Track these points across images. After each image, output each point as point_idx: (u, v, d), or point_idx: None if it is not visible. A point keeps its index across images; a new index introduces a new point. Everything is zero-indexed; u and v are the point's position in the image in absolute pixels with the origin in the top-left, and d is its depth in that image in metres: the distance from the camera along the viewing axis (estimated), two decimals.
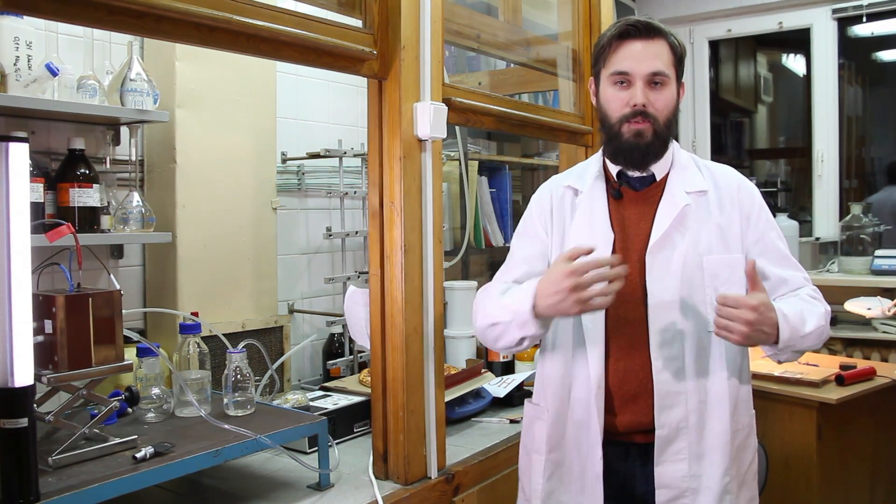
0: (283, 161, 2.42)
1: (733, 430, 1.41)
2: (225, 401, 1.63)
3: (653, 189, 1.46)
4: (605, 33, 1.46)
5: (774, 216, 3.68)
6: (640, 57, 1.40)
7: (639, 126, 1.40)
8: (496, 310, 1.43)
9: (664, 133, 1.42)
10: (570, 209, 1.52)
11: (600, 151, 1.53)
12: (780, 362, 1.42)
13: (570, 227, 1.50)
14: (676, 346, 1.39)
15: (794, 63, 5.36)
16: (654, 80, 1.40)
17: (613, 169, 1.49)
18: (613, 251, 1.43)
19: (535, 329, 1.37)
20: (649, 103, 1.39)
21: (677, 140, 1.58)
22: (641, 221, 1.45)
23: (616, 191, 1.48)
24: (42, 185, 1.71)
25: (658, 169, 1.46)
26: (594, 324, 1.42)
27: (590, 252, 1.32)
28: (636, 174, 1.46)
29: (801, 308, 1.38)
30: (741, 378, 1.45)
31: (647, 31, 1.41)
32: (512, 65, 2.92)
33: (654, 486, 1.41)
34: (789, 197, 4.62)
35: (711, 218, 1.43)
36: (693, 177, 1.47)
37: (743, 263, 1.39)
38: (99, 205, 1.80)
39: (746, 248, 1.44)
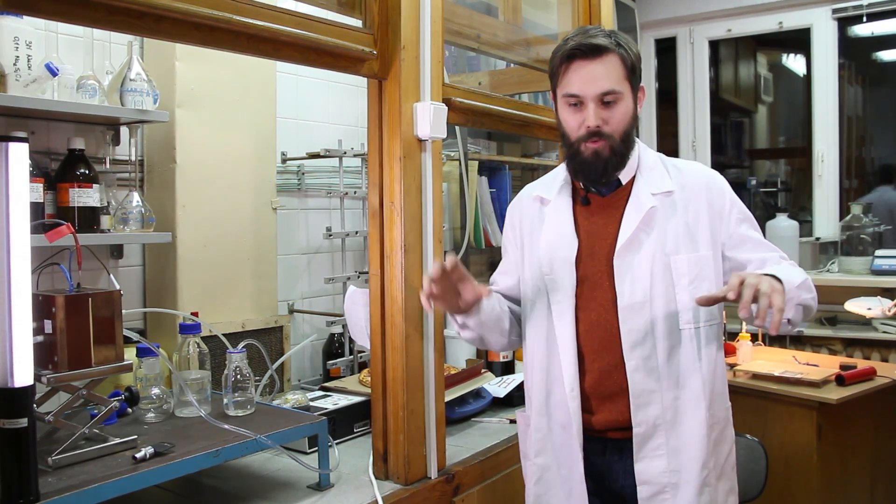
0: (283, 161, 2.42)
1: (710, 423, 1.43)
2: (225, 401, 1.63)
3: (619, 193, 1.49)
4: (555, 51, 1.47)
5: (774, 216, 3.67)
6: (588, 78, 1.40)
7: (596, 145, 1.42)
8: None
9: (621, 148, 1.44)
10: (538, 219, 1.56)
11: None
12: (789, 322, 1.37)
13: (540, 237, 1.53)
14: (648, 346, 1.42)
15: (795, 63, 5.36)
16: (606, 100, 1.41)
17: None
18: (578, 257, 1.47)
19: (458, 321, 1.51)
20: (603, 122, 1.41)
21: (650, 142, 1.59)
22: (609, 226, 1.47)
23: (583, 198, 1.51)
24: (42, 185, 1.71)
25: (624, 174, 1.48)
26: (564, 329, 1.46)
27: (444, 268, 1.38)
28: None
29: (779, 267, 1.39)
30: (716, 372, 1.47)
31: (592, 51, 1.40)
32: (512, 65, 2.92)
33: (632, 480, 1.44)
34: (789, 197, 4.63)
35: (678, 217, 1.45)
36: (659, 178, 1.49)
37: (712, 260, 1.44)
38: (99, 205, 1.80)
39: (722, 244, 1.47)
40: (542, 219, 1.55)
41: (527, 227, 1.58)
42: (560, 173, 1.57)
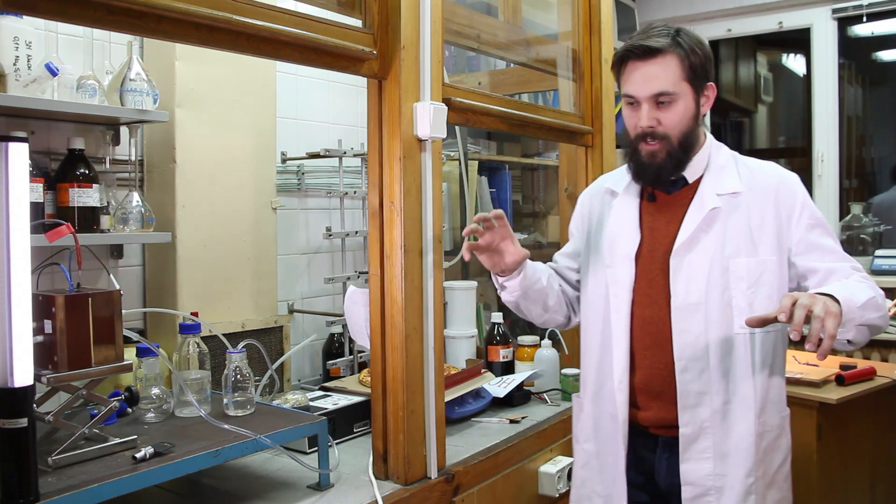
0: (283, 161, 2.42)
1: (758, 431, 1.42)
2: (225, 401, 1.62)
3: (684, 192, 1.49)
4: (617, 52, 1.49)
5: None
6: (641, 79, 1.41)
7: (651, 147, 1.43)
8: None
9: (677, 151, 1.43)
10: (606, 210, 1.59)
11: None
12: (850, 342, 1.33)
13: (605, 228, 1.57)
14: (700, 348, 1.41)
15: (795, 63, 5.36)
16: (659, 100, 1.41)
17: None
18: (639, 254, 1.49)
19: (501, 279, 1.56)
20: (658, 123, 1.41)
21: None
22: (671, 224, 1.48)
23: (650, 194, 1.52)
24: (42, 184, 1.71)
25: (691, 173, 1.48)
26: (619, 322, 1.49)
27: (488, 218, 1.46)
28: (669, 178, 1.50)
29: (844, 283, 1.34)
30: (771, 379, 1.45)
31: (645, 52, 1.40)
32: (512, 65, 2.92)
33: (678, 480, 1.44)
34: None
35: (741, 220, 1.43)
36: (728, 178, 1.47)
37: (776, 265, 1.41)
38: (98, 205, 1.80)
39: (788, 250, 1.43)
40: (609, 211, 1.58)
41: (595, 216, 1.61)
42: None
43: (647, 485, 1.51)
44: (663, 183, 1.48)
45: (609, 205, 1.59)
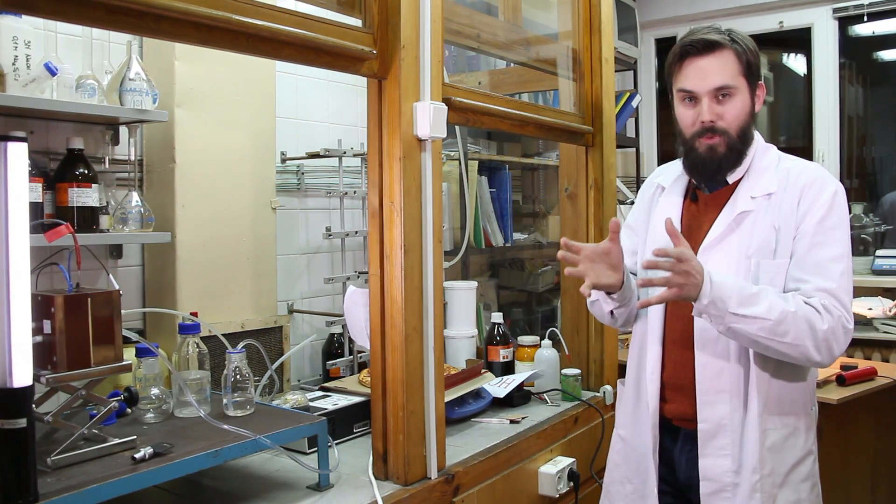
0: (283, 161, 2.42)
1: (762, 429, 1.43)
2: (224, 401, 1.62)
3: (723, 192, 1.51)
4: (673, 49, 1.49)
5: None
6: (702, 74, 1.42)
7: (711, 141, 1.44)
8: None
9: (738, 144, 1.45)
10: (654, 205, 1.63)
11: None
12: (720, 331, 1.38)
13: (651, 222, 1.61)
14: (721, 346, 1.44)
15: (795, 62, 5.35)
16: (721, 94, 1.42)
17: None
18: None
19: (612, 303, 1.56)
20: (718, 117, 1.43)
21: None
22: (705, 223, 1.51)
23: (692, 194, 1.56)
24: (41, 184, 1.70)
25: (732, 175, 1.49)
26: (655, 316, 1.54)
27: (616, 227, 1.44)
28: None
29: (766, 293, 1.34)
30: (785, 378, 1.45)
31: (705, 47, 1.42)
32: (512, 64, 2.92)
33: (696, 473, 1.48)
34: None
35: (769, 222, 1.44)
36: (766, 181, 1.47)
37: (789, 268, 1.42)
38: (98, 205, 1.79)
39: (791, 246, 1.43)
40: (656, 205, 1.62)
41: (646, 210, 1.66)
42: (679, 164, 1.60)
43: (668, 475, 1.56)
44: (722, 178, 1.49)
45: (657, 200, 1.63)
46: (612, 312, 1.61)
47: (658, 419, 1.53)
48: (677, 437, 1.54)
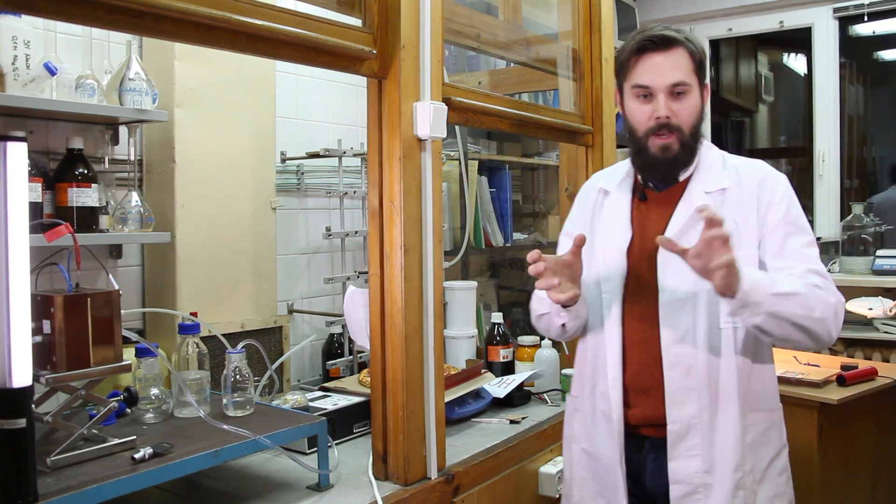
0: (283, 161, 2.41)
1: (743, 425, 1.42)
2: (224, 401, 1.62)
3: (674, 190, 1.50)
4: (624, 46, 1.48)
5: None
6: (658, 70, 1.42)
7: (664, 140, 1.43)
8: (536, 303, 1.62)
9: (690, 143, 1.45)
10: (599, 210, 1.59)
11: None
12: (761, 330, 1.35)
13: (598, 226, 1.57)
14: (688, 344, 1.42)
15: (795, 62, 5.35)
16: (676, 91, 1.42)
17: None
18: (630, 251, 1.49)
19: (567, 316, 1.50)
20: (673, 114, 1.42)
21: None
22: (660, 222, 1.48)
23: (641, 193, 1.53)
24: (40, 184, 1.70)
25: (681, 171, 1.49)
26: (612, 319, 1.49)
27: (580, 242, 1.40)
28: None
29: (777, 275, 1.36)
30: (756, 373, 1.45)
31: (664, 43, 1.42)
32: (512, 64, 2.92)
33: (664, 480, 1.44)
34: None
35: (727, 216, 1.42)
36: (716, 177, 1.48)
37: (755, 260, 1.42)
38: (97, 205, 1.79)
39: (759, 243, 1.44)
40: (602, 209, 1.58)
41: (589, 216, 1.61)
42: (624, 165, 1.59)
43: (633, 486, 1.50)
44: (675, 177, 1.49)
45: (601, 204, 1.60)
46: (563, 325, 1.54)
47: (623, 427, 1.47)
48: (641, 446, 1.49)
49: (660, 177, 1.49)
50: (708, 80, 1.50)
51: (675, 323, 1.42)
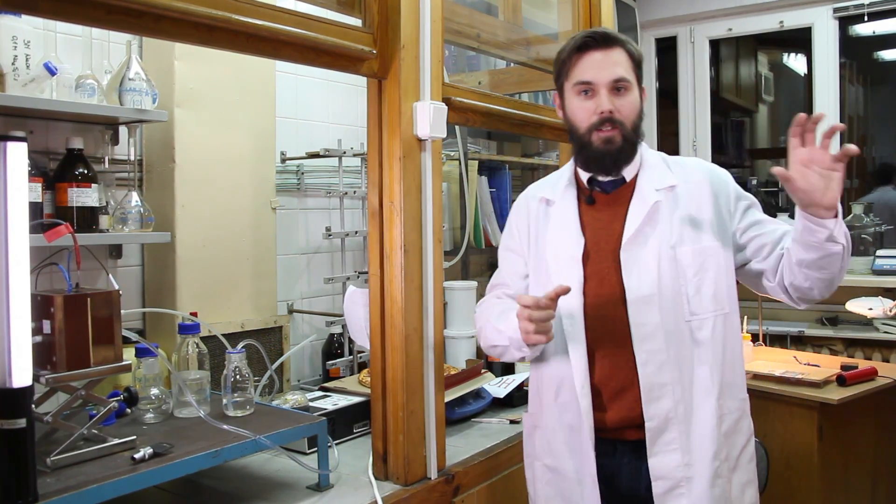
0: (283, 161, 2.42)
1: (719, 414, 1.43)
2: (224, 401, 1.62)
3: (623, 190, 1.51)
4: (564, 47, 1.51)
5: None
6: (600, 66, 1.44)
7: (607, 133, 1.44)
8: (493, 335, 1.53)
9: (632, 137, 1.47)
10: (544, 220, 1.57)
11: (572, 160, 1.57)
12: (834, 246, 1.34)
13: (546, 236, 1.55)
14: (658, 339, 1.42)
15: (795, 62, 5.36)
16: (617, 87, 1.44)
17: (584, 175, 1.53)
18: (585, 256, 1.48)
19: (529, 351, 1.48)
20: (615, 109, 1.44)
21: (650, 142, 1.62)
22: (614, 222, 1.49)
23: (588, 197, 1.53)
24: (40, 184, 1.70)
25: (628, 171, 1.51)
26: (574, 328, 1.47)
27: (563, 292, 1.37)
28: (607, 178, 1.51)
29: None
30: (727, 363, 1.47)
31: (604, 40, 1.46)
32: (512, 64, 2.92)
33: (642, 482, 1.44)
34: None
35: (682, 210, 1.47)
36: (662, 174, 1.51)
37: (719, 250, 1.46)
38: (97, 205, 1.79)
39: (734, 233, 1.49)
40: (547, 219, 1.57)
41: (533, 227, 1.59)
42: (564, 173, 1.59)
43: (609, 493, 1.47)
44: (618, 171, 1.50)
45: (546, 214, 1.57)
46: (522, 357, 1.54)
47: (594, 434, 1.45)
48: (613, 451, 1.47)
49: (604, 171, 1.49)
50: (644, 84, 1.53)
51: (644, 320, 1.42)
